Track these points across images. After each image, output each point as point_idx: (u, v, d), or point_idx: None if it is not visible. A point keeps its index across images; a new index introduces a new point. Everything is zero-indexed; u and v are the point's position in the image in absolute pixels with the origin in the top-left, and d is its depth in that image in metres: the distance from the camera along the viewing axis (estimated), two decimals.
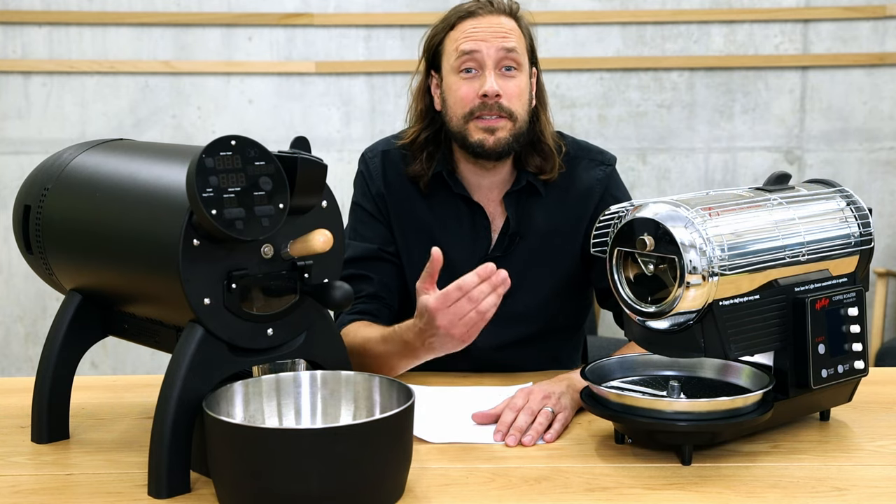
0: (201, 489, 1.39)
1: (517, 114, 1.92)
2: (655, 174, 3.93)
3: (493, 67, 1.90)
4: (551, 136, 2.01)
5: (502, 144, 1.92)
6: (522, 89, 1.93)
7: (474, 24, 1.93)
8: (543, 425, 1.59)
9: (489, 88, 1.89)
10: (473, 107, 1.91)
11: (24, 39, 3.86)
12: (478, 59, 1.91)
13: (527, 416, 1.60)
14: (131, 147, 1.63)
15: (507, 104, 1.91)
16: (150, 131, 3.89)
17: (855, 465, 1.49)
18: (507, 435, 1.57)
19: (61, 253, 1.59)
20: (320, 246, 1.37)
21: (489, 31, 1.92)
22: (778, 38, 3.87)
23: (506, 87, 1.91)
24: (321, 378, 1.46)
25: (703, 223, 1.45)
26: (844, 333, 1.57)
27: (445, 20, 1.98)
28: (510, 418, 1.60)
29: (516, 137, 1.93)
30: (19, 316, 3.99)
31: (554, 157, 1.98)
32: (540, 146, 1.98)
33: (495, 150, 1.92)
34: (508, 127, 1.91)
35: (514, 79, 1.92)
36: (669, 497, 1.38)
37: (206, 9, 3.85)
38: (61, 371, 1.59)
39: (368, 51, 3.87)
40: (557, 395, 1.65)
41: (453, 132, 1.95)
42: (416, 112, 2.03)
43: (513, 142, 1.92)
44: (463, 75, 1.93)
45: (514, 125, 1.92)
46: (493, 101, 1.90)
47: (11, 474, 1.48)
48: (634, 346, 1.65)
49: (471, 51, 1.91)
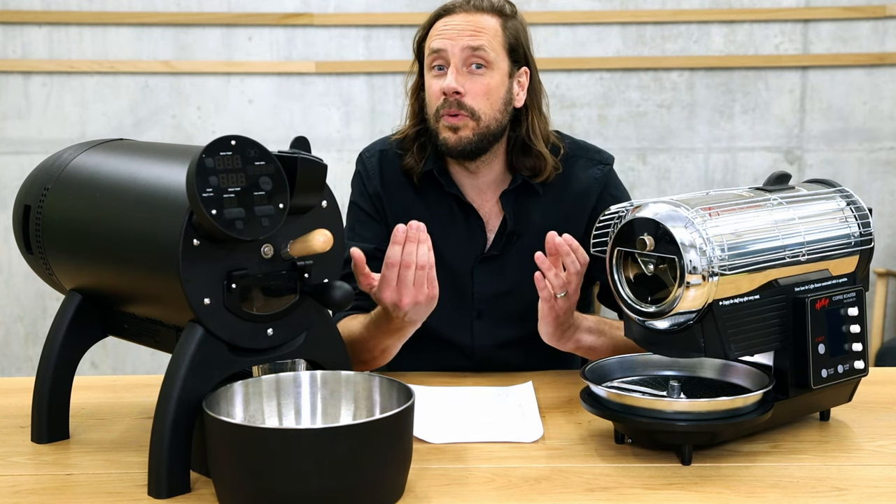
0: (201, 489, 1.39)
1: (481, 112, 1.91)
2: (655, 174, 3.93)
3: (458, 65, 1.90)
4: (545, 137, 2.00)
5: (464, 143, 1.91)
6: (491, 88, 1.92)
7: (446, 22, 1.94)
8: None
9: (447, 85, 1.89)
10: (439, 104, 1.92)
11: (24, 39, 3.86)
12: (444, 56, 1.92)
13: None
14: (131, 147, 1.63)
15: (470, 102, 1.90)
16: (150, 131, 3.89)
17: (855, 465, 1.49)
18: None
19: (61, 253, 1.59)
20: (320, 246, 1.37)
21: (458, 29, 1.92)
22: (778, 38, 3.87)
23: (470, 86, 1.90)
24: (321, 378, 1.46)
25: (703, 223, 1.45)
26: (844, 333, 1.58)
27: (429, 19, 1.99)
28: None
29: (481, 137, 1.92)
30: (19, 316, 3.99)
31: (545, 160, 1.98)
32: (529, 149, 1.98)
33: (457, 148, 1.92)
34: (471, 126, 1.91)
35: (481, 77, 1.91)
36: (669, 497, 1.38)
37: (206, 9, 3.85)
38: (61, 371, 1.59)
39: (368, 51, 3.87)
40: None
41: (431, 131, 1.96)
42: (410, 110, 2.04)
43: (476, 141, 1.92)
44: (434, 72, 1.94)
45: (477, 124, 1.91)
46: (453, 97, 1.90)
47: (11, 474, 1.48)
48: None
49: (438, 49, 1.92)
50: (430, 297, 1.71)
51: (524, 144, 1.98)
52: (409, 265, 1.67)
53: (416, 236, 1.67)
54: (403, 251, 1.67)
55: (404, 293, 1.69)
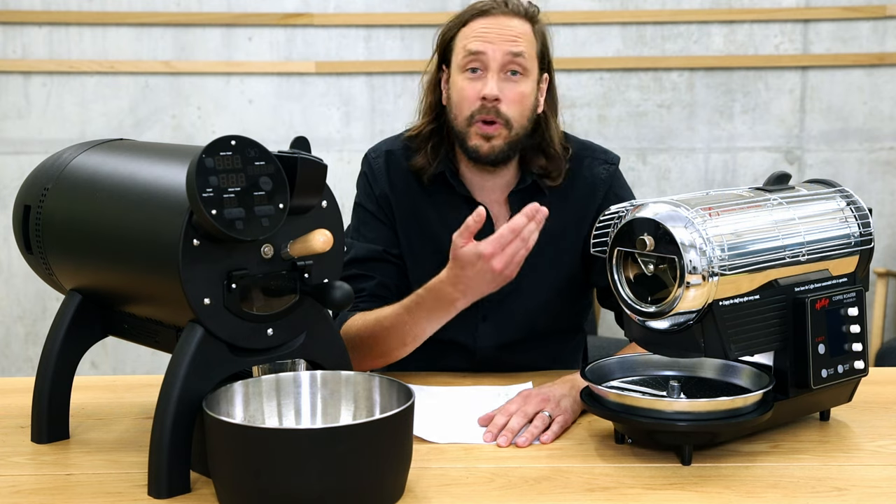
0: (201, 489, 1.39)
1: (514, 121, 1.91)
2: (655, 174, 3.93)
3: (497, 70, 1.89)
4: (560, 141, 2.00)
5: (496, 152, 1.91)
6: (525, 95, 1.91)
7: (485, 24, 1.92)
8: (539, 428, 1.58)
9: (489, 92, 1.88)
10: (474, 109, 1.90)
11: (24, 39, 3.86)
12: (483, 60, 1.90)
13: (520, 418, 1.60)
14: (131, 147, 1.63)
15: (506, 110, 1.89)
16: (150, 131, 3.89)
17: (855, 465, 1.49)
18: (499, 436, 1.57)
19: (61, 253, 1.59)
20: (320, 246, 1.37)
21: (498, 32, 1.90)
22: (778, 38, 3.87)
23: (507, 92, 1.89)
24: (321, 378, 1.46)
25: (703, 223, 1.45)
26: (844, 333, 1.57)
27: (460, 16, 1.96)
28: (502, 421, 1.60)
29: (511, 145, 1.92)
30: (19, 316, 3.99)
31: (560, 162, 1.98)
32: (547, 150, 1.98)
33: (489, 157, 1.92)
34: (504, 135, 1.90)
35: (518, 84, 1.90)
36: (669, 497, 1.38)
37: (206, 9, 3.85)
38: (61, 371, 1.59)
39: (368, 51, 3.87)
40: (557, 399, 1.65)
41: (456, 131, 1.95)
42: (426, 105, 2.02)
43: (507, 150, 1.92)
44: (468, 75, 1.91)
45: (509, 132, 1.91)
46: (492, 104, 1.89)
47: (11, 474, 1.48)
48: (636, 347, 1.65)
49: (477, 51, 1.90)
50: (507, 277, 1.72)
51: (541, 148, 1.98)
52: (524, 240, 1.69)
53: (540, 219, 1.70)
54: (527, 226, 1.69)
55: (505, 259, 1.69)
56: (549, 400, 1.64)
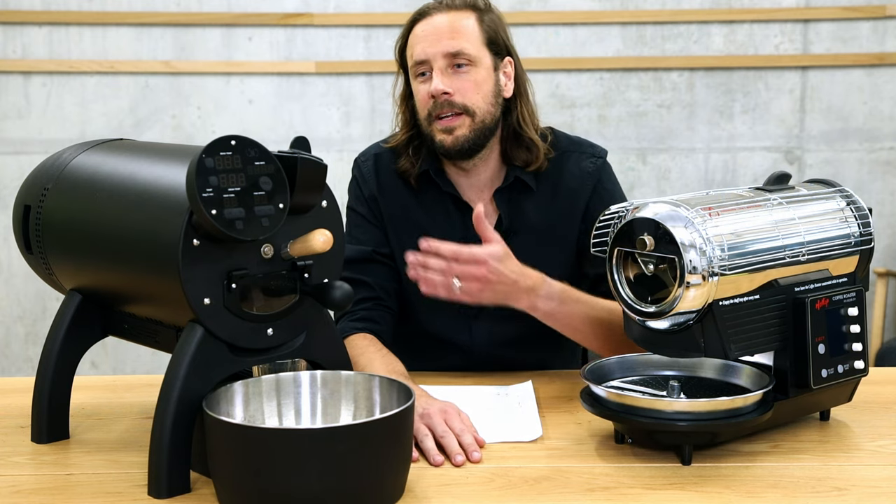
0: (201, 489, 1.39)
1: (474, 107, 1.91)
2: (655, 174, 3.93)
3: (441, 68, 1.90)
4: (535, 126, 2.00)
5: (461, 142, 1.91)
6: (479, 82, 1.92)
7: (423, 28, 1.94)
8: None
9: (434, 88, 1.90)
10: (429, 108, 1.92)
11: (24, 39, 3.86)
12: (427, 64, 1.92)
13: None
14: (131, 147, 1.63)
15: (461, 100, 1.90)
16: (150, 131, 3.89)
17: (855, 465, 1.49)
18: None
19: (61, 253, 1.59)
20: (320, 246, 1.37)
21: (435, 35, 1.92)
22: (778, 38, 3.87)
23: (456, 84, 1.90)
24: (321, 378, 1.46)
25: (703, 223, 1.45)
26: (844, 333, 1.57)
27: (407, 24, 2.00)
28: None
29: (478, 132, 1.92)
30: (19, 316, 3.99)
31: (537, 147, 1.97)
32: (521, 138, 1.98)
33: (454, 148, 1.92)
34: (467, 123, 1.91)
35: (467, 74, 1.91)
36: (669, 497, 1.38)
37: (206, 9, 3.85)
38: (61, 371, 1.59)
39: (368, 51, 3.87)
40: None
41: (424, 135, 1.96)
42: (402, 119, 2.04)
43: (473, 137, 1.92)
44: (419, 79, 1.94)
45: (472, 119, 1.91)
46: (443, 98, 1.90)
47: (11, 474, 1.48)
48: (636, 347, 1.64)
49: (419, 59, 1.93)
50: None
51: (516, 133, 1.98)
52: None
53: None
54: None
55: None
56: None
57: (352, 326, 1.91)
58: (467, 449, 1.52)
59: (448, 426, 1.55)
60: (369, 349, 1.84)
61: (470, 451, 1.51)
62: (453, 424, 1.56)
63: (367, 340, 1.87)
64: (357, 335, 1.89)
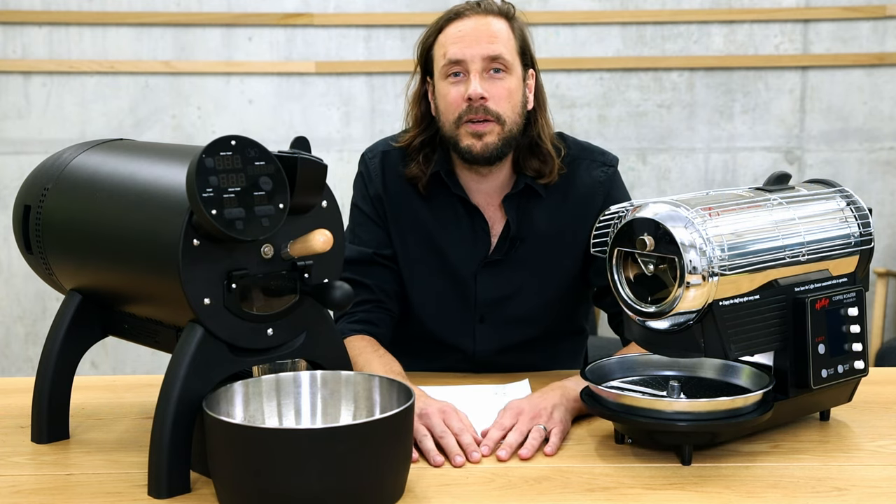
0: (201, 489, 1.39)
1: (505, 116, 1.89)
2: (655, 174, 3.93)
3: (479, 71, 1.88)
4: (550, 138, 1.98)
5: (490, 149, 1.89)
6: (511, 91, 1.90)
7: (460, 28, 1.90)
8: (538, 440, 1.55)
9: (473, 91, 1.86)
10: (461, 111, 1.88)
11: (24, 39, 3.86)
12: (463, 65, 1.89)
13: (516, 435, 1.56)
14: (131, 147, 1.63)
15: (494, 107, 1.88)
16: (150, 131, 3.89)
17: (855, 465, 1.49)
18: (498, 449, 1.53)
19: (61, 253, 1.59)
20: (320, 246, 1.37)
21: (474, 36, 1.89)
22: (778, 38, 3.87)
23: (492, 90, 1.88)
24: (321, 378, 1.46)
25: (703, 223, 1.45)
26: (844, 333, 1.57)
27: (436, 23, 1.95)
28: (497, 436, 1.56)
29: (506, 141, 1.90)
30: (19, 316, 3.99)
31: (553, 160, 1.95)
32: (538, 149, 1.96)
33: (483, 155, 1.89)
34: (496, 131, 1.89)
35: (502, 81, 1.89)
36: (669, 497, 1.38)
37: (206, 9, 3.85)
38: (61, 371, 1.59)
39: (368, 51, 3.87)
40: (549, 411, 1.61)
41: (446, 137, 1.93)
42: (413, 117, 2.01)
43: (501, 146, 1.90)
44: (451, 80, 1.90)
45: (502, 128, 1.89)
46: (479, 103, 1.87)
47: (11, 474, 1.48)
48: (636, 347, 1.65)
49: (455, 58, 1.88)
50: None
51: (534, 145, 1.96)
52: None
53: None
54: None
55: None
56: (540, 415, 1.60)
57: (350, 328, 1.91)
58: (466, 449, 1.52)
59: (447, 426, 1.55)
60: (367, 350, 1.84)
61: (469, 450, 1.52)
62: (452, 424, 1.56)
63: (364, 342, 1.87)
64: (355, 337, 1.89)
